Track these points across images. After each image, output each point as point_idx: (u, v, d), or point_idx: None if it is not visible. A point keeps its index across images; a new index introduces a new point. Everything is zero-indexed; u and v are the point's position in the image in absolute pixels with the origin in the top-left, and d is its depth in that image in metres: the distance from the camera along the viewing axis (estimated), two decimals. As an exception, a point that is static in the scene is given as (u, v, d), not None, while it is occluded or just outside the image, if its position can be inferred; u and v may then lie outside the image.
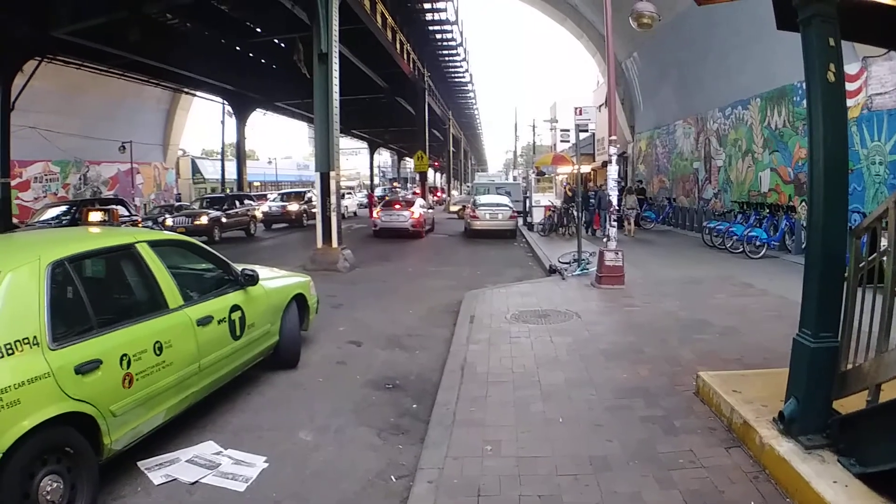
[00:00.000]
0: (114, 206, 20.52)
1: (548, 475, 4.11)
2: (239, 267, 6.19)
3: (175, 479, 4.40)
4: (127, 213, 21.26)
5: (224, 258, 6.12)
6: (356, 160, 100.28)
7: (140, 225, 20.80)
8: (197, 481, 4.38)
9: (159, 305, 4.83)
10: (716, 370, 5.85)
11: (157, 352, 4.53)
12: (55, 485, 3.57)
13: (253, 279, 6.00)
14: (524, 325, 8.33)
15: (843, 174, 4.21)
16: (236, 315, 5.70)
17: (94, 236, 5.30)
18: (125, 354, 4.20)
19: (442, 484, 4.04)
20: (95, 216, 19.00)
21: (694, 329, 7.94)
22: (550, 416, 5.10)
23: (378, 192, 60.29)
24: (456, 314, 9.41)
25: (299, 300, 7.25)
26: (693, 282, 11.64)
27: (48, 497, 3.51)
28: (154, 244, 5.12)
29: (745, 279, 11.77)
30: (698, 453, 4.38)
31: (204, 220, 22.29)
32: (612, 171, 11.48)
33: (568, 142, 49.04)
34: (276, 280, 7.05)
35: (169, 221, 22.44)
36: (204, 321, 5.17)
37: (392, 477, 4.44)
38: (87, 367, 3.86)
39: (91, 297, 4.25)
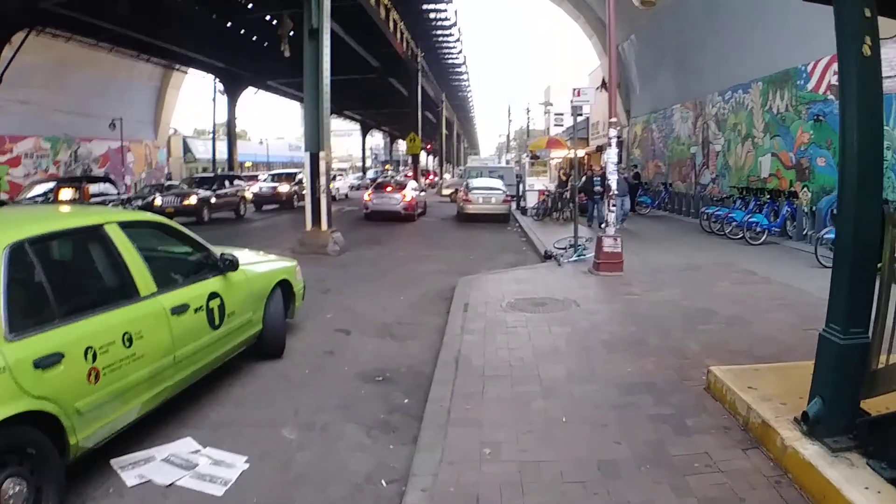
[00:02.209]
0: (85, 184, 20.00)
1: (552, 482, 3.77)
2: (218, 251, 5.82)
3: (149, 481, 4.06)
4: (115, 192, 20.77)
5: (202, 241, 5.73)
6: (349, 142, 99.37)
7: (129, 203, 20.37)
8: (172, 483, 4.04)
9: (130, 293, 4.45)
10: (725, 363, 5.56)
11: (127, 343, 4.16)
12: (18, 488, 3.27)
13: (233, 265, 5.62)
14: (521, 313, 7.98)
15: (879, 156, 3.87)
16: (215, 303, 5.33)
17: (60, 216, 4.92)
18: (90, 347, 3.84)
19: (437, 492, 3.68)
20: (66, 194, 18.42)
21: (698, 319, 7.62)
22: (553, 415, 4.76)
23: (370, 174, 60.02)
24: (449, 301, 9.05)
25: (284, 286, 6.88)
26: (693, 268, 11.32)
27: (10, 501, 3.20)
28: (125, 225, 4.73)
29: (746, 266, 11.46)
30: (714, 456, 4.06)
31: (193, 200, 21.87)
32: (612, 153, 11.08)
33: (561, 126, 48.52)
34: (259, 265, 6.68)
35: (158, 201, 22.01)
36: (179, 310, 4.80)
37: (382, 481, 4.09)
38: (47, 362, 3.50)
39: (54, 284, 3.89)
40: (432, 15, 38.22)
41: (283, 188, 29.45)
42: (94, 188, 20.16)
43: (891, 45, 12.00)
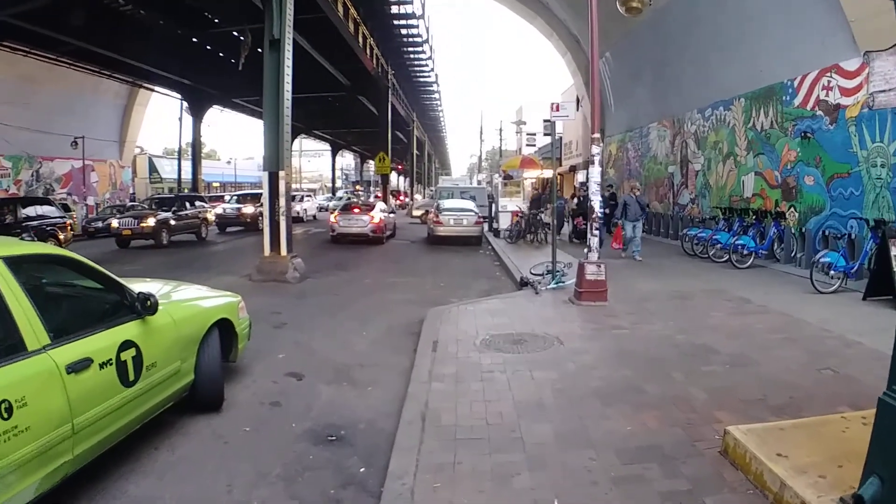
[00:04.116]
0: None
1: None
2: (138, 288, 4.82)
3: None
4: (58, 215, 19.38)
5: (116, 278, 4.70)
6: (319, 162, 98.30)
7: (69, 228, 18.94)
8: None
9: (13, 348, 3.48)
10: (739, 417, 4.82)
11: (5, 415, 3.21)
12: None
13: (151, 306, 4.61)
14: (497, 353, 7.02)
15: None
16: (129, 354, 4.33)
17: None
18: (-48, 423, 2.88)
19: None
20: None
21: (698, 358, 6.74)
22: (542, 496, 3.79)
23: (339, 194, 59.09)
24: (417, 336, 8.10)
25: (224, 327, 5.89)
26: (682, 296, 10.49)
27: None
28: (13, 261, 3.75)
29: (738, 293, 10.68)
30: (747, 555, 3.15)
31: (151, 221, 20.70)
32: (595, 172, 10.19)
33: (534, 146, 48.30)
34: (191, 303, 5.69)
35: (114, 223, 20.95)
36: (78, 366, 3.80)
37: None
38: None
39: None
40: (403, 31, 37.52)
41: (248, 209, 28.43)
42: (30, 211, 18.72)
43: (885, 58, 11.41)
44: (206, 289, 6.62)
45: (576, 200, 20.56)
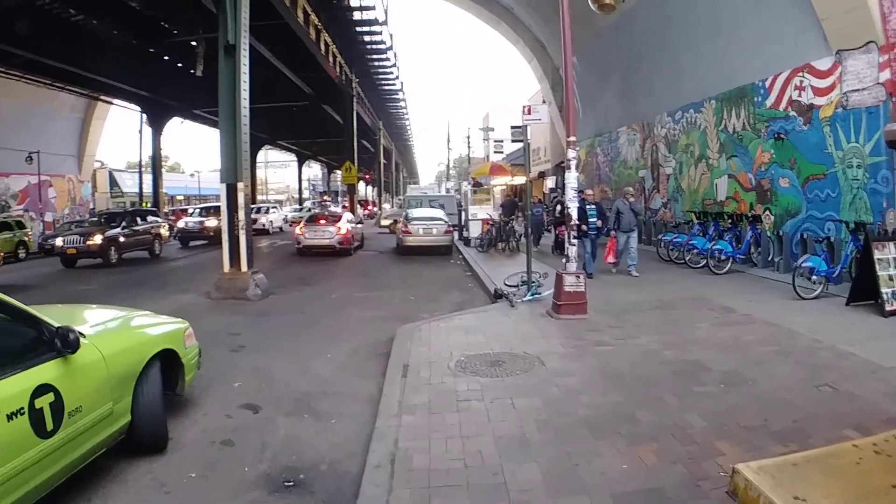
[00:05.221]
0: None
1: None
2: (60, 319, 4.17)
3: None
4: None
5: (30, 311, 4.02)
6: (285, 173, 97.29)
7: None
8: None
9: None
10: (742, 448, 4.46)
11: None
12: None
13: (71, 343, 3.96)
14: (474, 378, 6.43)
15: None
16: (45, 400, 3.71)
17: None
18: None
19: None
20: None
21: (689, 377, 6.25)
22: (533, 561, 3.26)
23: (307, 205, 58.40)
24: (385, 357, 7.53)
25: (168, 357, 5.27)
26: (664, 307, 10.04)
27: None
28: None
29: (720, 301, 10.28)
30: None
31: (97, 239, 19.54)
32: (572, 177, 9.67)
33: (501, 153, 47.91)
34: (127, 334, 5.07)
35: (59, 241, 19.87)
36: (-20, 419, 3.19)
37: None
38: None
39: None
40: (367, 38, 36.97)
41: (212, 222, 27.28)
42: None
43: (857, 57, 11.13)
44: (148, 315, 5.96)
45: (559, 208, 19.50)
